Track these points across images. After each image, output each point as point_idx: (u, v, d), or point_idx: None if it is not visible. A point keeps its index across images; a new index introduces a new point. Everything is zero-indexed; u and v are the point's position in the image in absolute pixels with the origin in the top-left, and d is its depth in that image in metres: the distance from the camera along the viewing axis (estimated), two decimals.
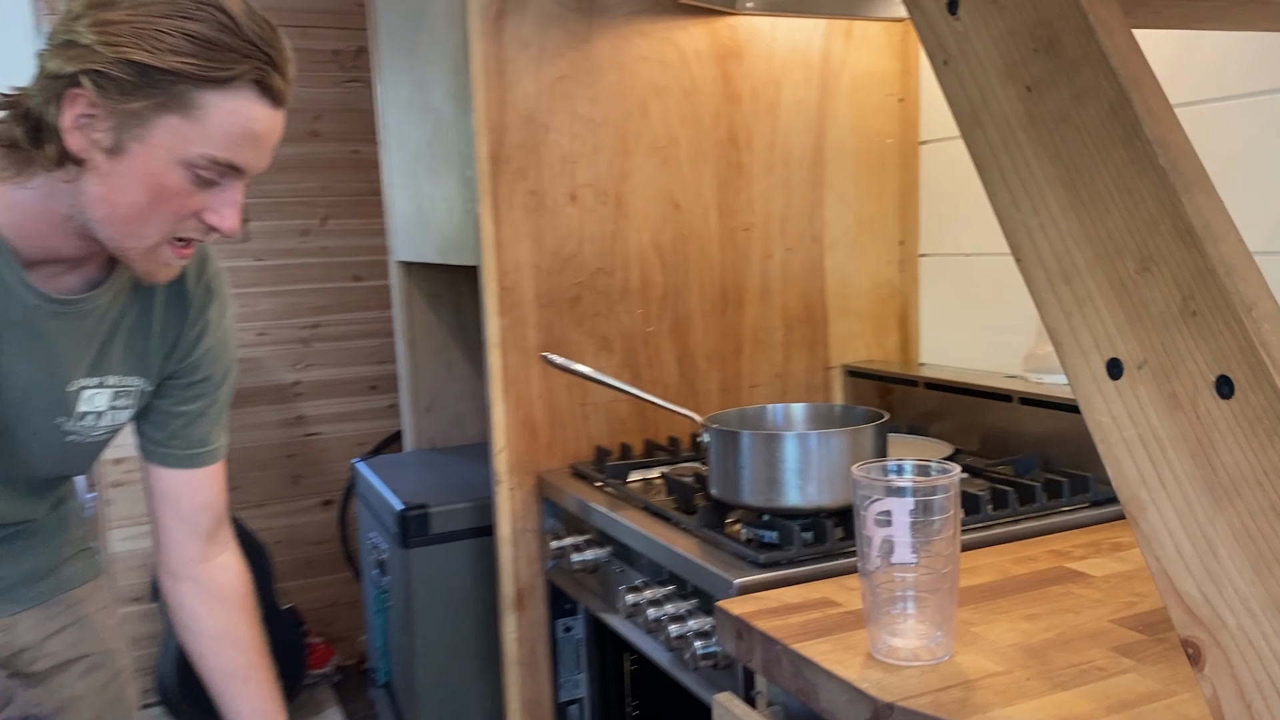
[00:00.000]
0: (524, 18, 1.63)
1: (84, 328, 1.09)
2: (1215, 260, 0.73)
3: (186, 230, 1.01)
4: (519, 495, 1.69)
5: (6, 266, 1.01)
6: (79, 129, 0.94)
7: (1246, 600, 0.71)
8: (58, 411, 1.11)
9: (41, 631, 1.24)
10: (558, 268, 1.69)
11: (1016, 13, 0.84)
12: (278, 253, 3.32)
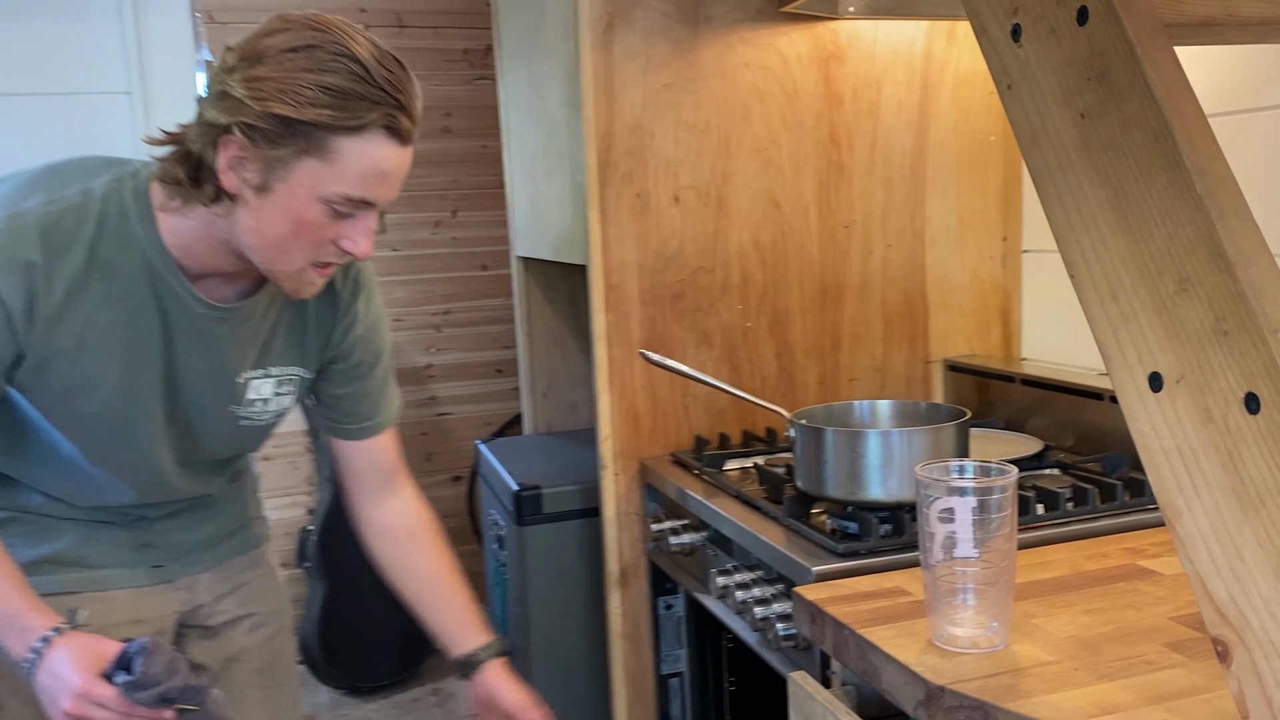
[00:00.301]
0: (632, 30, 1.73)
1: (246, 329, 1.24)
2: (1245, 284, 0.77)
3: (325, 255, 1.13)
4: (623, 480, 1.80)
5: (177, 281, 1.17)
6: (232, 169, 1.07)
7: (1269, 603, 0.76)
8: (231, 400, 1.27)
9: (216, 592, 1.41)
10: (661, 266, 1.78)
11: (1073, 42, 0.89)
12: (411, 243, 3.51)
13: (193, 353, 1.21)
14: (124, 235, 1.13)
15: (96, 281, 1.13)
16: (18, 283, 1.09)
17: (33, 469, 1.28)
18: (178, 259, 1.16)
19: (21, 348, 1.13)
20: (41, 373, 1.16)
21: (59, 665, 1.12)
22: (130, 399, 1.20)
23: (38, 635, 1.13)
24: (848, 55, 1.83)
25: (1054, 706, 0.89)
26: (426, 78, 3.46)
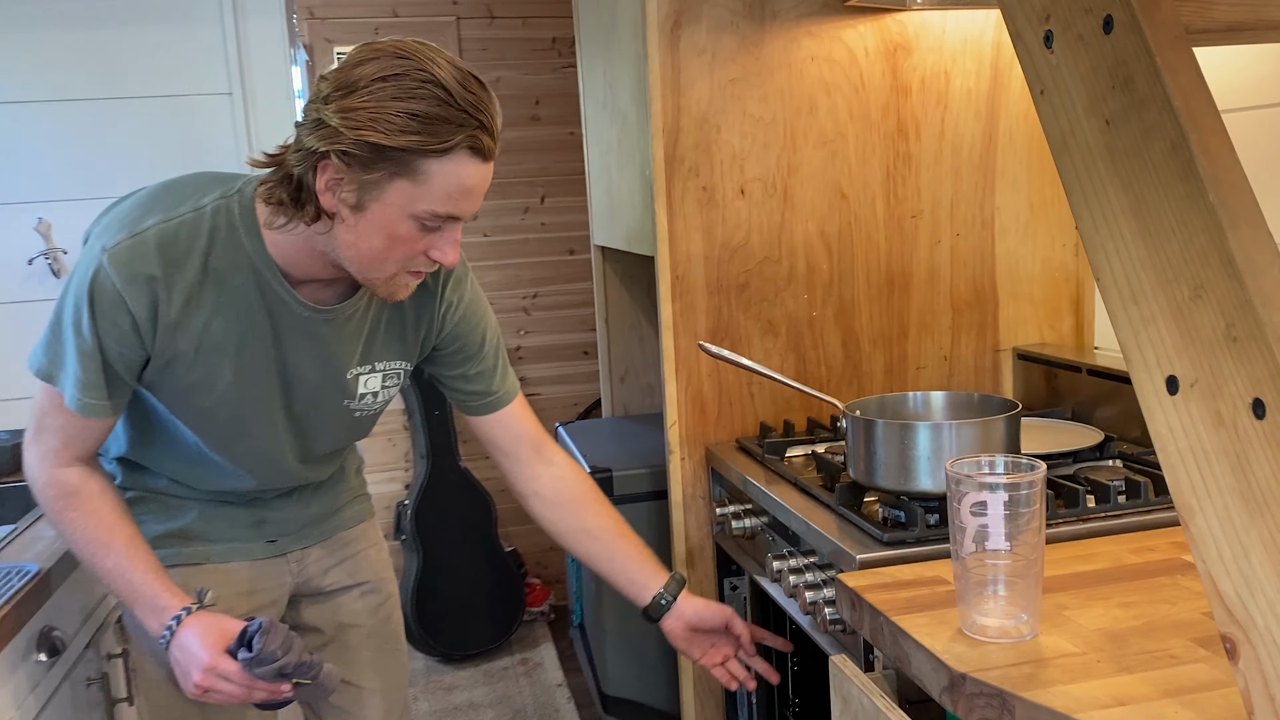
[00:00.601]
0: (699, 27, 1.77)
1: (349, 328, 1.34)
2: (1253, 292, 0.79)
3: (416, 265, 1.22)
4: (689, 465, 1.86)
5: (281, 288, 1.27)
6: (330, 191, 1.16)
7: (1273, 604, 0.78)
8: (344, 396, 1.38)
9: (325, 564, 1.54)
10: (726, 257, 1.83)
11: (1099, 51, 0.91)
12: (501, 229, 3.61)
13: (302, 352, 1.32)
14: (232, 247, 1.24)
15: (210, 290, 1.24)
16: (142, 295, 1.21)
17: (160, 457, 1.41)
18: (281, 267, 1.26)
19: (147, 351, 1.25)
20: (165, 373, 1.28)
21: (189, 642, 1.25)
22: (244, 395, 1.32)
23: (171, 614, 1.27)
24: (915, 46, 1.84)
25: (1070, 696, 0.92)
26: (515, 66, 3.55)
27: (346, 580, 1.56)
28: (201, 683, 1.24)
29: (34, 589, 1.40)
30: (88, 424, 1.28)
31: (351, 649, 1.56)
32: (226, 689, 1.24)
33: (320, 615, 1.56)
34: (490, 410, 1.49)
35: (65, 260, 2.12)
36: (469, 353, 1.45)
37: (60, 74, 2.10)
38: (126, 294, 1.21)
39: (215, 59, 2.16)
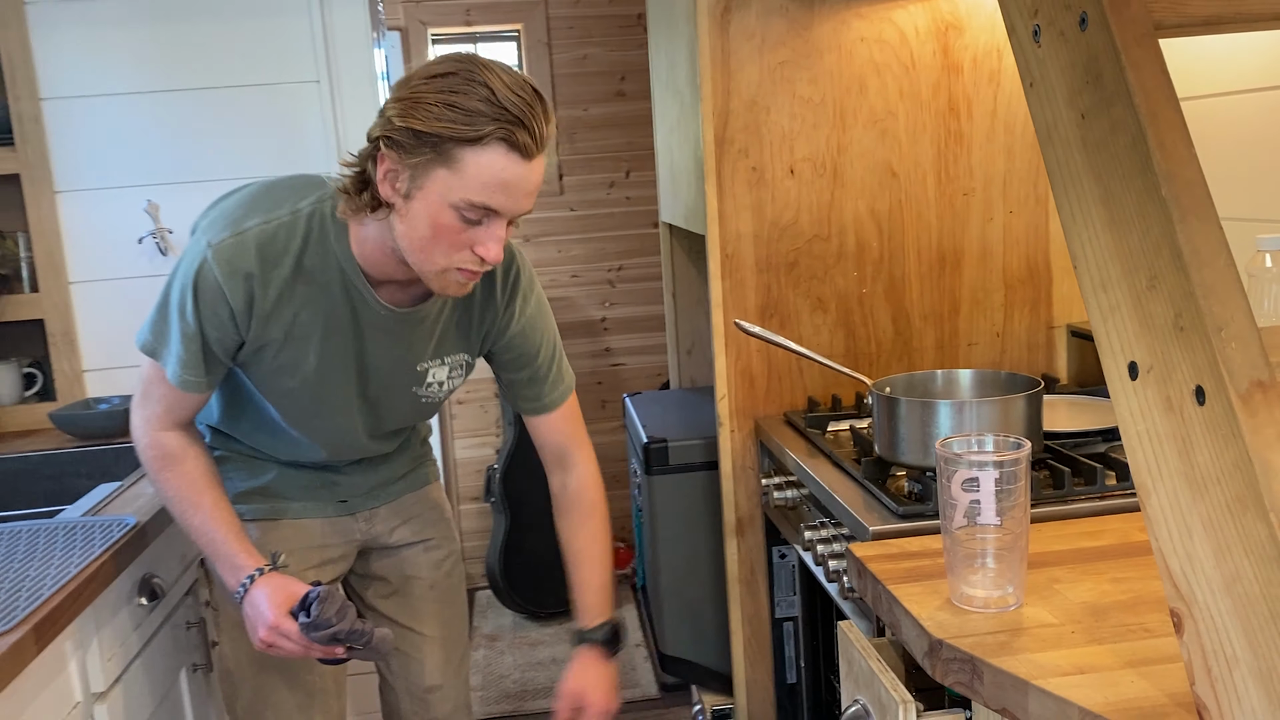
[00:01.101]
0: (748, 11, 1.82)
1: (422, 329, 1.47)
2: (1196, 284, 0.83)
3: (464, 261, 1.29)
4: (738, 437, 1.93)
5: (364, 287, 1.39)
6: (386, 180, 1.27)
7: (1211, 580, 0.83)
8: (414, 384, 1.51)
9: (390, 523, 1.68)
10: (776, 235, 1.88)
11: (1076, 47, 0.96)
12: (588, 203, 3.71)
13: (378, 345, 1.45)
14: (323, 248, 1.37)
15: (301, 286, 1.38)
16: (240, 289, 1.35)
17: (246, 428, 1.57)
18: (363, 268, 1.38)
19: (242, 337, 1.40)
20: (256, 356, 1.43)
21: (259, 600, 1.40)
22: (324, 379, 1.45)
23: (246, 573, 1.42)
24: (967, 25, 1.85)
25: (1034, 664, 0.97)
26: (602, 43, 3.63)
27: (411, 537, 1.70)
28: (265, 639, 1.38)
29: (132, 539, 1.56)
30: (186, 397, 1.44)
31: (414, 599, 1.70)
32: (287, 646, 1.38)
33: (387, 567, 1.70)
34: (535, 414, 1.59)
35: (171, 239, 2.30)
36: (524, 362, 1.55)
37: (166, 67, 2.27)
38: (227, 287, 1.34)
39: (304, 48, 2.30)
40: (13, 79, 2.21)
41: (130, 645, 1.58)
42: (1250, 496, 0.77)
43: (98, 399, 2.25)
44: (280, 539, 1.58)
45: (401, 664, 1.72)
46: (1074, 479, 1.39)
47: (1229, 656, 0.81)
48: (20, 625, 1.21)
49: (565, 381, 1.60)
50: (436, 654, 1.72)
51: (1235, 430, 0.78)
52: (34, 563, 1.42)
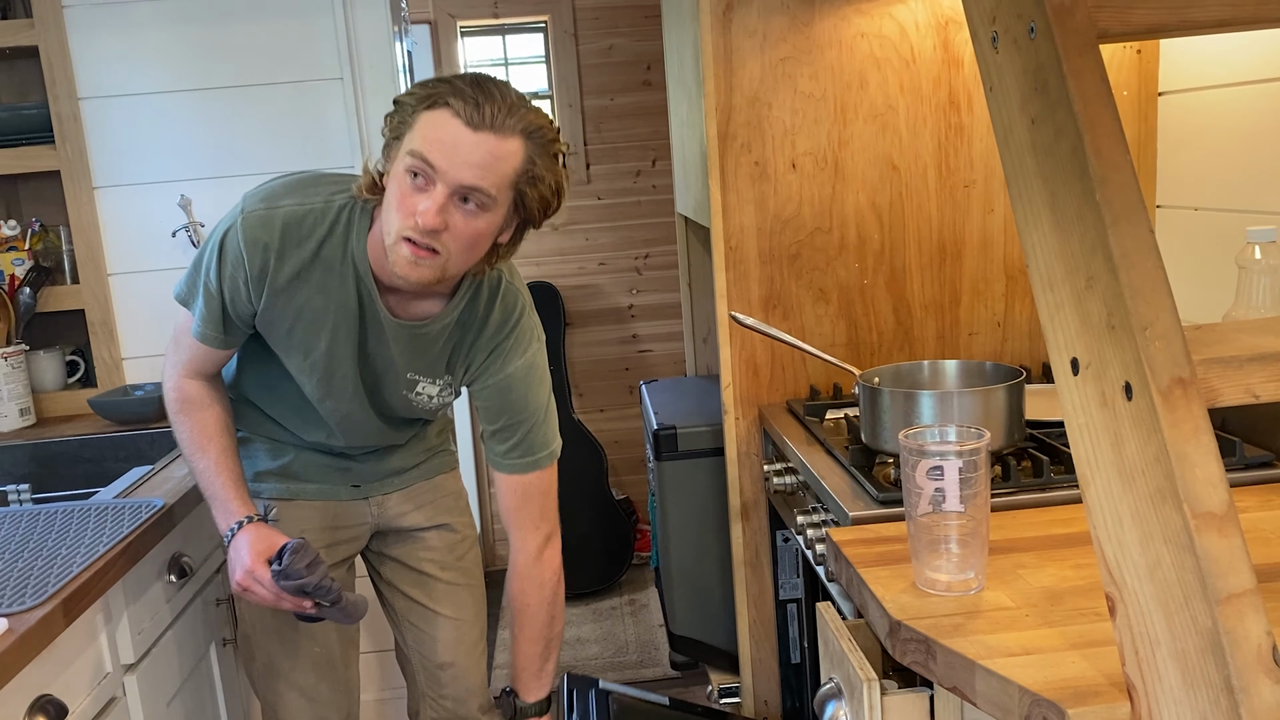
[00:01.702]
0: (750, 9, 1.86)
1: (416, 344, 1.54)
2: (1125, 285, 0.88)
3: (408, 229, 1.34)
4: (743, 424, 1.98)
5: (370, 290, 1.48)
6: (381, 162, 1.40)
7: (1137, 566, 0.87)
8: (403, 387, 1.59)
9: (403, 508, 1.77)
10: (779, 228, 1.93)
11: (1028, 53, 1.00)
12: (615, 192, 3.77)
13: (377, 344, 1.54)
14: (343, 243, 1.46)
15: (317, 272, 1.46)
16: (256, 258, 1.45)
17: (274, 400, 1.66)
18: (375, 272, 1.47)
19: (254, 306, 1.50)
20: (270, 329, 1.53)
21: (241, 546, 1.50)
22: (332, 364, 1.54)
23: (235, 519, 1.53)
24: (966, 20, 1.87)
25: (984, 645, 1.02)
26: (628, 34, 3.68)
27: (424, 522, 1.78)
28: (241, 582, 1.49)
29: (160, 520, 1.65)
30: (207, 350, 1.55)
31: (428, 579, 1.79)
32: (259, 592, 1.48)
33: (402, 551, 1.78)
34: (496, 469, 1.64)
35: (203, 232, 2.40)
36: (495, 412, 1.60)
37: (197, 66, 2.36)
38: (246, 254, 1.44)
39: (328, 46, 2.37)
40: (52, 80, 2.32)
41: (160, 620, 1.67)
42: (1168, 488, 0.82)
43: (135, 385, 2.36)
44: (294, 518, 1.67)
45: (416, 638, 1.81)
46: (1052, 467, 1.43)
47: (1152, 639, 0.86)
48: (50, 599, 1.31)
49: (531, 456, 1.61)
50: (449, 632, 1.79)
51: (1156, 425, 0.83)
52: (66, 542, 1.51)
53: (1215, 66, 1.74)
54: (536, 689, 1.73)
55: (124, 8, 2.33)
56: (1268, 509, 1.30)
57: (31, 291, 2.33)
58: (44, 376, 2.39)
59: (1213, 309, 1.78)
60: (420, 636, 1.81)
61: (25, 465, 2.14)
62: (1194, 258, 1.84)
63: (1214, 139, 1.77)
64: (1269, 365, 0.86)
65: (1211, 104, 1.77)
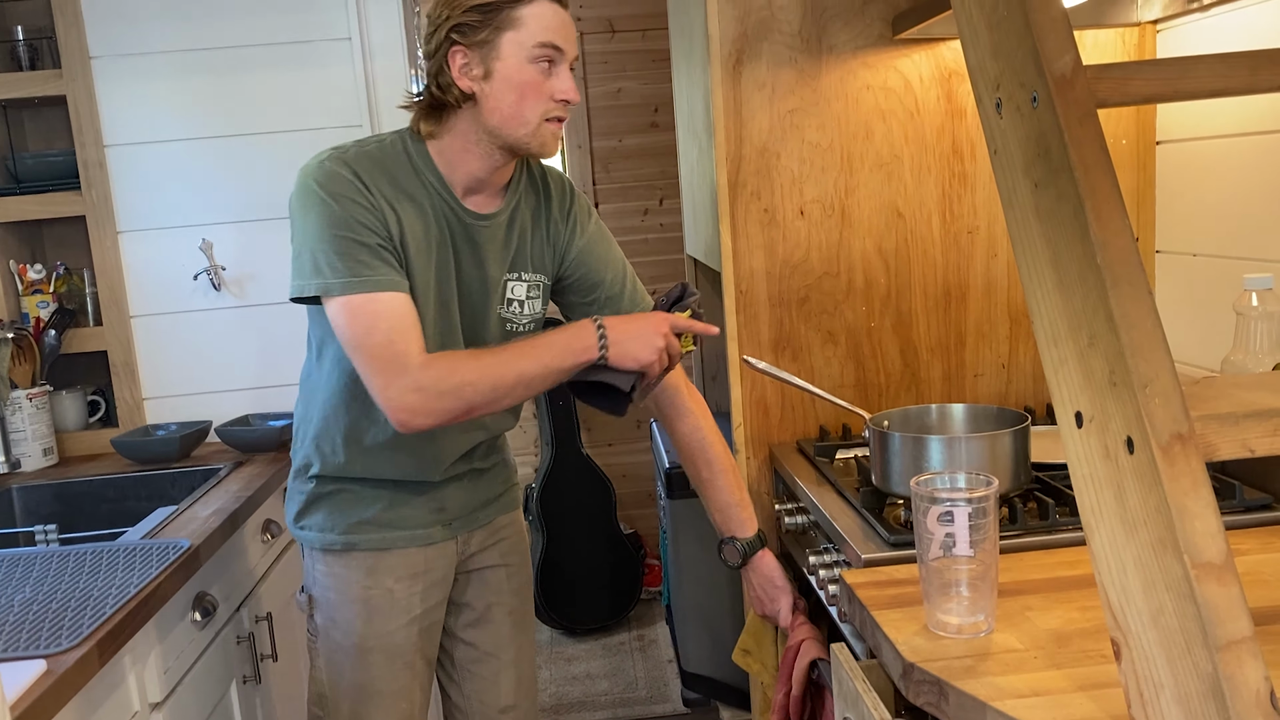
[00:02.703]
0: (759, 62, 1.92)
1: (500, 237, 1.58)
2: (1125, 344, 0.92)
3: (552, 110, 1.46)
4: (754, 463, 2.02)
5: (450, 197, 1.52)
6: (463, 75, 1.45)
7: (1140, 613, 0.92)
8: (496, 301, 1.60)
9: (483, 544, 1.75)
10: (788, 273, 1.98)
11: (1031, 120, 1.05)
12: (623, 230, 3.83)
13: (466, 256, 1.56)
14: (411, 166, 1.51)
15: (403, 202, 1.49)
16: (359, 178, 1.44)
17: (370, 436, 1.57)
18: (445, 176, 1.52)
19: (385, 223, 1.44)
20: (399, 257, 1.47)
21: (627, 325, 1.46)
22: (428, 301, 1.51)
23: (592, 327, 1.45)
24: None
25: (994, 686, 1.06)
26: (635, 77, 3.75)
27: (497, 560, 1.76)
28: (667, 332, 1.45)
29: (186, 560, 1.69)
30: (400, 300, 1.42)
31: (494, 624, 1.76)
32: (674, 342, 1.46)
33: (473, 593, 1.75)
34: None
35: (224, 275, 2.45)
36: (594, 280, 1.66)
37: (218, 114, 2.43)
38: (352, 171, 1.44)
39: (349, 96, 2.44)
40: (79, 127, 2.38)
41: (185, 658, 1.71)
42: (1169, 538, 0.86)
43: (156, 425, 2.40)
44: (389, 567, 1.63)
45: (477, 688, 1.77)
46: (1058, 509, 1.47)
47: (1156, 683, 0.90)
48: (85, 641, 1.35)
49: (646, 302, 1.69)
50: (510, 678, 1.78)
51: (1157, 478, 0.87)
52: (97, 583, 1.55)
53: (1211, 118, 1.80)
54: (750, 522, 1.75)
55: (149, 59, 2.40)
56: (1267, 551, 1.34)
57: (56, 334, 2.38)
58: (66, 416, 2.44)
59: (1211, 352, 1.83)
60: (481, 685, 1.77)
61: (50, 505, 2.18)
62: (1193, 302, 1.89)
63: (1211, 188, 1.82)
64: (1264, 421, 0.91)
65: (1208, 154, 1.82)
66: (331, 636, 1.65)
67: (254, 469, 2.21)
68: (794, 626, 1.70)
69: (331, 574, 1.64)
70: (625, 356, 1.44)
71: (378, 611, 1.63)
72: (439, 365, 1.40)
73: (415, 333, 1.42)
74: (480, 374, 1.40)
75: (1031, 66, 1.01)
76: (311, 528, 1.65)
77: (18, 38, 2.38)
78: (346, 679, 1.64)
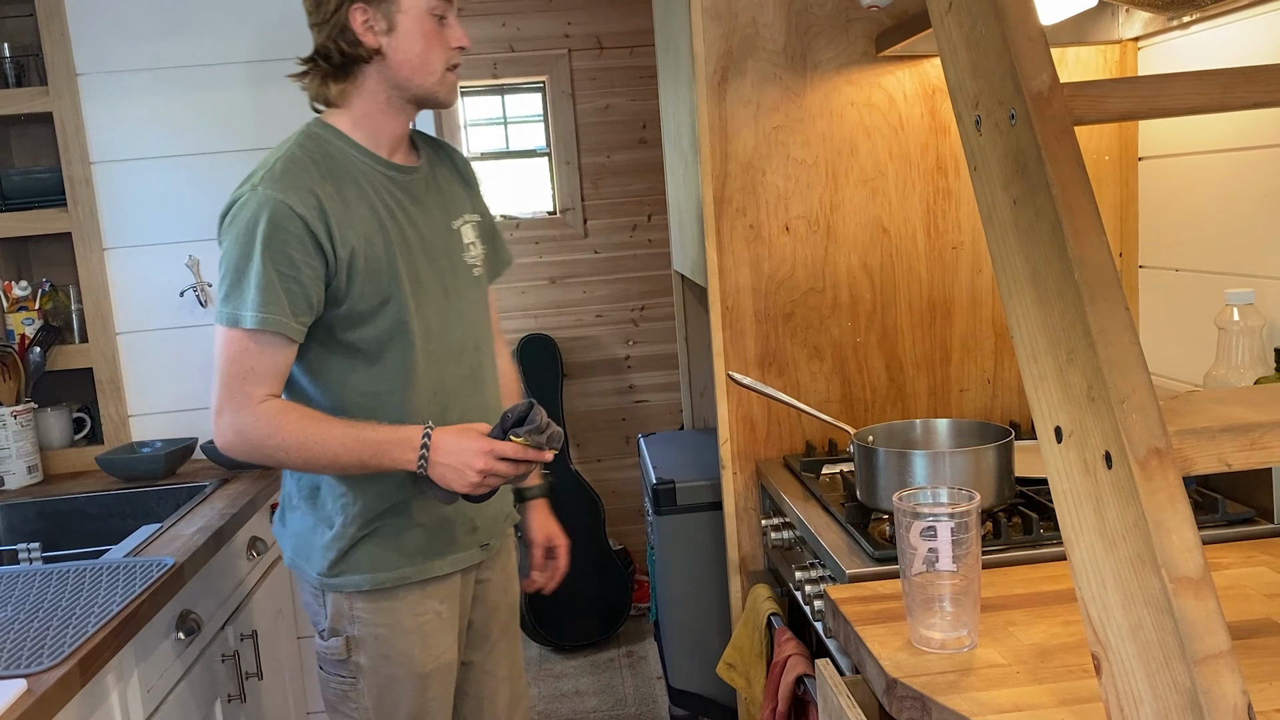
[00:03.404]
0: (744, 80, 1.93)
1: (431, 188, 1.62)
2: (1103, 359, 0.93)
3: (452, 58, 1.53)
4: (740, 479, 2.02)
5: (380, 164, 1.54)
6: (368, 30, 1.48)
7: (1120, 628, 0.92)
8: (459, 249, 1.63)
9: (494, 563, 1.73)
10: (773, 288, 1.99)
11: (1010, 137, 1.06)
12: (611, 246, 3.84)
13: (420, 215, 1.58)
14: (331, 149, 1.52)
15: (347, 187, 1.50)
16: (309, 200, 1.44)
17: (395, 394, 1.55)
18: (368, 146, 1.54)
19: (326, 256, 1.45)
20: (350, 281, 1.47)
21: (450, 443, 1.45)
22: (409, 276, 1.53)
23: (419, 434, 1.46)
24: None
25: (977, 701, 1.06)
26: (623, 94, 3.77)
27: (493, 575, 1.74)
28: (484, 467, 1.43)
29: (170, 578, 1.68)
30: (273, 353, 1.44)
31: (491, 640, 1.75)
32: (502, 468, 1.45)
33: (476, 610, 1.72)
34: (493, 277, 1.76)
35: (210, 292, 2.45)
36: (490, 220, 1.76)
37: (203, 132, 2.43)
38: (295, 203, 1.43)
39: None
40: (65, 145, 2.38)
41: (169, 677, 1.70)
42: (1147, 553, 0.87)
43: (141, 443, 2.40)
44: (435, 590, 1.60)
45: (473, 708, 1.76)
46: (1041, 524, 1.47)
47: (1135, 697, 0.90)
48: (67, 660, 1.34)
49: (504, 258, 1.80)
50: (505, 693, 1.78)
51: (1134, 493, 0.88)
52: (80, 601, 1.54)
53: (1193, 134, 1.82)
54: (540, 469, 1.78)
55: (135, 76, 2.40)
56: (1249, 565, 1.35)
57: (41, 350, 2.37)
58: (50, 434, 2.43)
59: (1194, 366, 1.84)
60: (477, 705, 1.76)
61: (34, 523, 2.17)
62: (1175, 318, 1.90)
63: (1193, 203, 1.83)
64: (1240, 436, 0.91)
65: (1191, 169, 1.84)
66: (384, 672, 1.59)
67: (240, 486, 2.20)
68: (780, 642, 1.69)
69: (379, 609, 1.57)
70: (440, 478, 1.47)
71: (432, 635, 1.60)
72: (268, 421, 1.45)
73: (273, 381, 1.46)
74: (299, 446, 1.45)
75: (1009, 84, 1.02)
76: (352, 572, 1.57)
77: (4, 54, 2.38)
78: (403, 710, 1.59)
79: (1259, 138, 1.65)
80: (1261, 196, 1.66)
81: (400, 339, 1.53)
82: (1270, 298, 1.64)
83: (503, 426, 1.47)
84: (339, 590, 1.58)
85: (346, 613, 1.58)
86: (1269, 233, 1.65)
